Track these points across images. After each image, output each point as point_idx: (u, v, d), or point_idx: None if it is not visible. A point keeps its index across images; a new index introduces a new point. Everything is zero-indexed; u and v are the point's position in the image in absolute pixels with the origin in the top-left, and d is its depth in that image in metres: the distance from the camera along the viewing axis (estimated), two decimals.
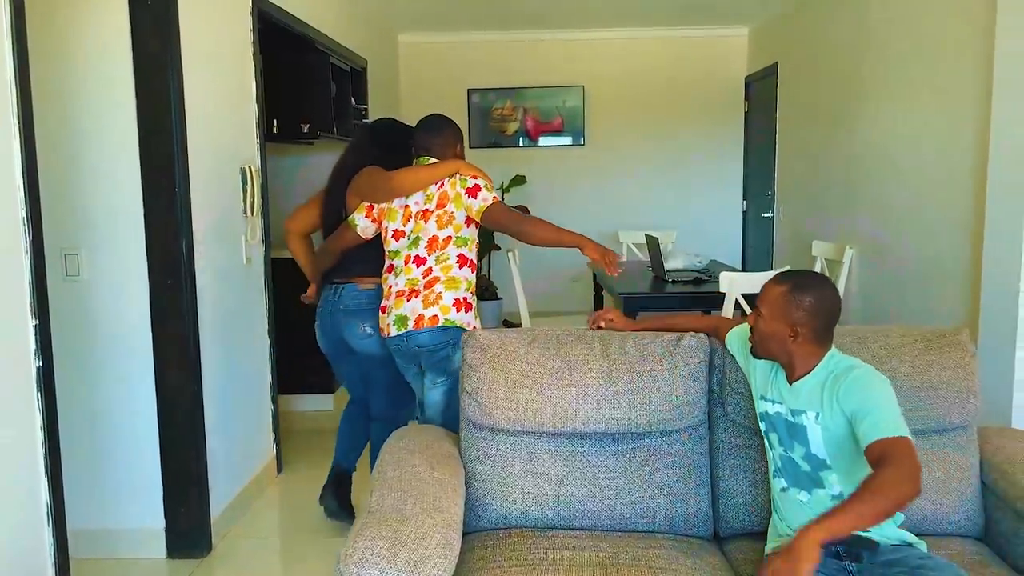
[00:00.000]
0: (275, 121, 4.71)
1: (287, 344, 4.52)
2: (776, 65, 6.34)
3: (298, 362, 4.72)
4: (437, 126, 2.91)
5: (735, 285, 3.76)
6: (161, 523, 3.05)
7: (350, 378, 3.31)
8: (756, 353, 1.98)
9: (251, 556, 3.14)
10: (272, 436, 3.86)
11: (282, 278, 4.37)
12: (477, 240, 2.81)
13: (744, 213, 7.34)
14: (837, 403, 1.83)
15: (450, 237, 2.72)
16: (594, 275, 5.51)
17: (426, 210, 2.75)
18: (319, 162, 5.68)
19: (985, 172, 3.10)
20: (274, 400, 3.88)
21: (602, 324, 2.30)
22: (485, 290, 7.13)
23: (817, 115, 5.47)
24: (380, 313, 2.87)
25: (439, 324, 2.68)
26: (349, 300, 3.03)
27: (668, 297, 4.33)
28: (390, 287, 2.81)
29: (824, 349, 1.91)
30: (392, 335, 2.78)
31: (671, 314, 2.32)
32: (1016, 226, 2.86)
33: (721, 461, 2.19)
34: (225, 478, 3.28)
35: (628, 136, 7.36)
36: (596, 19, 6.77)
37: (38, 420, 2.10)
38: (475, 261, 2.78)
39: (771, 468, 2.00)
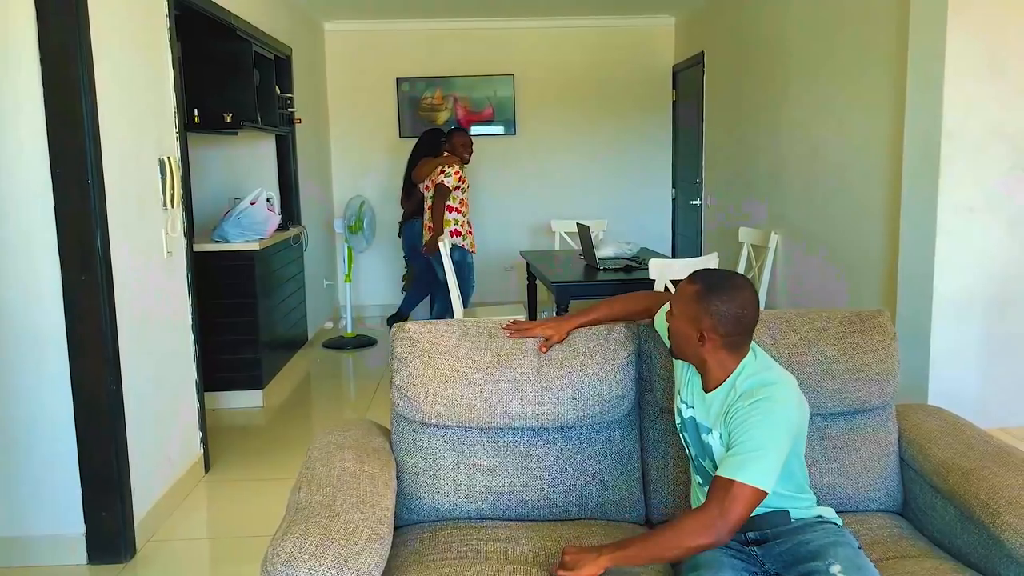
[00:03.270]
0: (195, 111, 4.57)
1: (213, 340, 4.41)
2: (702, 54, 6.44)
3: (225, 358, 4.61)
4: (448, 136, 5.70)
5: (665, 272, 3.81)
6: (81, 528, 2.93)
7: (418, 267, 6.20)
8: (672, 352, 1.93)
9: (177, 559, 3.05)
10: (199, 435, 3.75)
11: (206, 272, 4.25)
12: (461, 197, 5.46)
13: (673, 201, 7.44)
14: (726, 426, 1.78)
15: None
16: (527, 264, 5.52)
17: (432, 181, 5.43)
18: (244, 153, 5.56)
19: (900, 161, 3.20)
20: (200, 398, 3.77)
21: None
22: None
23: (743, 104, 5.57)
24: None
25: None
26: (421, 228, 5.83)
27: (600, 285, 4.37)
28: (424, 223, 5.65)
29: (738, 357, 1.82)
30: (420, 248, 5.71)
31: (604, 302, 2.21)
32: (929, 212, 2.95)
33: (651, 448, 2.21)
34: (149, 479, 3.18)
35: (559, 125, 7.37)
36: (525, 8, 6.76)
37: None
38: (459, 208, 5.44)
39: (689, 459, 1.99)
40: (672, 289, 3.83)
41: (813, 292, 4.45)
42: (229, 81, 4.73)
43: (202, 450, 3.78)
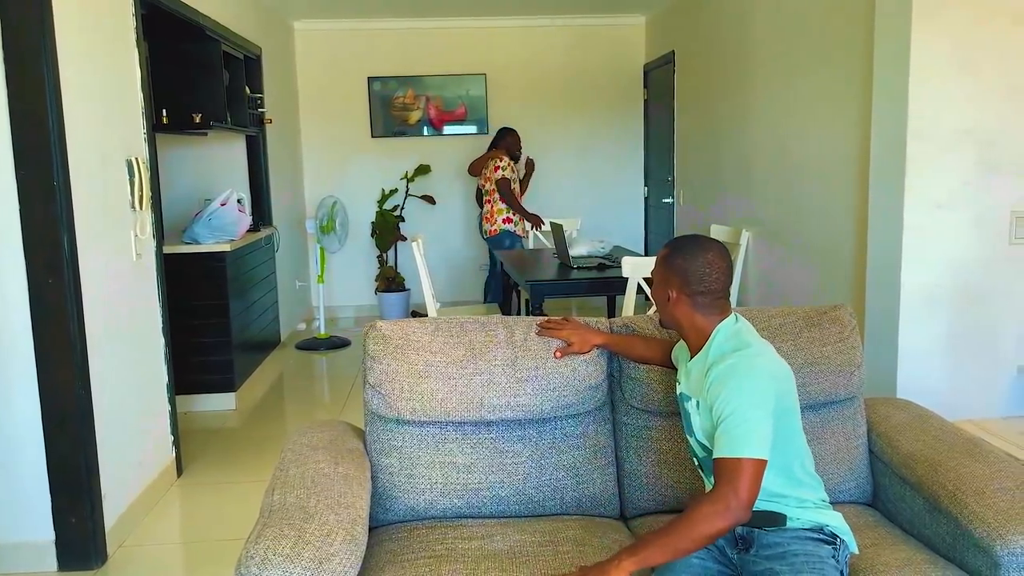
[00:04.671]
0: (164, 111, 4.52)
1: (185, 342, 4.36)
2: (672, 53, 6.48)
3: (197, 361, 4.57)
4: (500, 135, 6.33)
5: (637, 269, 3.83)
6: (51, 535, 2.89)
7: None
8: (661, 322, 1.95)
9: (149, 565, 3.01)
10: (171, 438, 3.71)
11: (177, 274, 4.21)
12: (515, 189, 6.09)
13: (645, 199, 7.48)
14: (706, 398, 1.75)
15: (494, 189, 6.03)
16: (501, 263, 5.52)
17: (487, 176, 6.13)
18: (214, 153, 5.51)
19: (868, 158, 3.25)
20: (171, 401, 3.73)
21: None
22: (391, 281, 7.05)
23: (713, 103, 5.61)
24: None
25: (498, 233, 6.06)
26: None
27: (573, 283, 4.38)
28: (481, 213, 6.29)
29: (712, 320, 1.81)
30: (484, 237, 6.30)
31: (637, 336, 2.18)
32: (896, 209, 3.00)
33: (625, 443, 2.22)
34: (120, 484, 3.14)
35: (531, 125, 7.37)
36: (497, 7, 6.76)
37: None
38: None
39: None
40: (645, 287, 3.86)
41: (784, 289, 4.50)
42: (198, 81, 4.69)
43: (174, 454, 3.74)
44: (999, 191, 2.96)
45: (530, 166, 6.55)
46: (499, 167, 6.01)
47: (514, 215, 6.05)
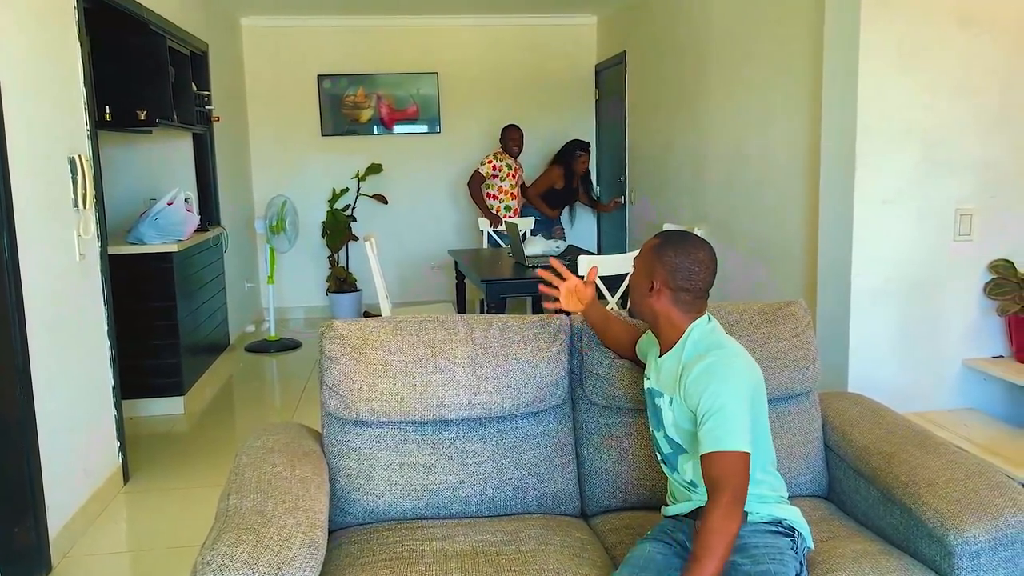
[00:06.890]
0: (107, 108, 4.38)
1: (132, 345, 4.25)
2: (624, 54, 6.52)
3: (144, 364, 4.45)
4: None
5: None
6: None
7: None
8: (631, 310, 1.93)
9: (96, 574, 2.92)
10: (117, 444, 3.61)
11: (123, 275, 4.10)
12: (499, 185, 6.15)
13: (598, 198, 7.51)
14: (683, 395, 1.76)
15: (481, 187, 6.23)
16: (455, 262, 5.50)
17: None
18: (160, 152, 5.38)
19: (818, 157, 3.30)
20: (117, 406, 3.62)
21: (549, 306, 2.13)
22: (343, 281, 6.97)
23: (665, 102, 5.66)
24: None
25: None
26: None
27: (528, 282, 4.37)
28: None
29: (689, 318, 1.84)
30: None
31: (615, 316, 2.19)
32: (846, 206, 3.05)
33: (585, 440, 2.22)
34: (64, 492, 3.04)
35: (484, 124, 7.36)
36: (448, 6, 6.73)
37: None
38: (496, 195, 6.15)
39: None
40: (601, 285, 3.87)
41: (737, 286, 4.56)
42: (142, 78, 4.56)
43: (120, 460, 3.63)
44: (943, 188, 3.03)
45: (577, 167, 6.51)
46: (483, 162, 6.17)
47: (498, 213, 6.13)
